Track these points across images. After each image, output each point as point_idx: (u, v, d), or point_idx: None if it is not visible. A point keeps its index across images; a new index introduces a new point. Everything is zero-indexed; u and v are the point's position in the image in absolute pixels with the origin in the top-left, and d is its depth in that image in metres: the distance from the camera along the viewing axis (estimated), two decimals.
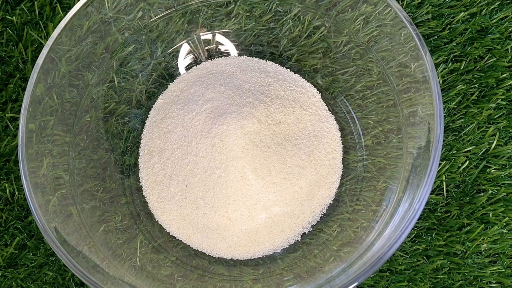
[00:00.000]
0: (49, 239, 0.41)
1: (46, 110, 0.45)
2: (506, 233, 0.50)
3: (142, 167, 0.51)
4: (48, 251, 0.51)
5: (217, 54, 0.56)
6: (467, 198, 0.51)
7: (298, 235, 0.49)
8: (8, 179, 0.53)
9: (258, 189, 0.47)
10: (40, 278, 0.50)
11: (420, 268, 0.49)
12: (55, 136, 0.46)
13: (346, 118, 0.52)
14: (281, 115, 0.49)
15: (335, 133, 0.51)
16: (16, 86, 0.55)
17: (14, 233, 0.51)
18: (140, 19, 0.51)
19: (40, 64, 0.45)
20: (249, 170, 0.47)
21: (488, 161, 0.52)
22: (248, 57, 0.55)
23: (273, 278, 0.47)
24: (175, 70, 0.55)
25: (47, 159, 0.44)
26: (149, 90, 0.54)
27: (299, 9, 0.52)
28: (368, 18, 0.48)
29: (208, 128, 0.48)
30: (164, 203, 0.50)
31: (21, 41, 0.56)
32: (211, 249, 0.49)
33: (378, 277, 0.49)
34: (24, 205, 0.52)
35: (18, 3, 0.58)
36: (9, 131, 0.54)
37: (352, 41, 0.51)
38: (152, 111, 0.53)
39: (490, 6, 0.57)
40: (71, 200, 0.45)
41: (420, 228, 0.51)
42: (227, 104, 0.49)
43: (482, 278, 0.49)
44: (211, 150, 0.47)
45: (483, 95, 0.55)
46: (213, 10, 0.53)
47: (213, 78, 0.52)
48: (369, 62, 0.50)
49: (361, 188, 0.49)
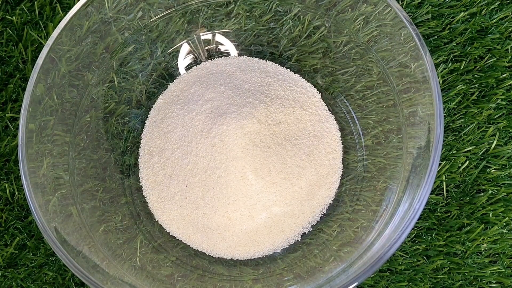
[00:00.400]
0: (49, 239, 0.41)
1: (46, 110, 0.45)
2: (506, 233, 0.50)
3: (142, 167, 0.51)
4: (48, 251, 0.51)
5: (217, 54, 0.56)
6: (467, 198, 0.51)
7: (298, 235, 0.49)
8: (8, 179, 0.53)
9: (258, 189, 0.47)
10: (40, 278, 0.50)
11: (420, 268, 0.49)
12: (55, 136, 0.46)
13: (346, 118, 0.52)
14: (281, 115, 0.49)
15: (335, 133, 0.51)
16: (16, 86, 0.55)
17: (14, 233, 0.51)
18: (140, 19, 0.51)
19: (40, 64, 0.45)
20: (249, 170, 0.47)
21: (488, 161, 0.52)
22: (248, 57, 0.55)
23: (273, 278, 0.47)
24: (175, 70, 0.55)
25: (47, 159, 0.44)
26: (149, 90, 0.54)
27: (299, 9, 0.52)
28: (368, 18, 0.48)
29: (208, 128, 0.48)
30: (164, 203, 0.50)
31: (21, 41, 0.56)
32: (211, 249, 0.49)
33: (378, 277, 0.49)
34: (24, 205, 0.52)
35: (18, 3, 0.58)
36: (9, 131, 0.54)
37: (352, 41, 0.51)
38: (152, 111, 0.53)
39: (490, 6, 0.57)
40: (71, 200, 0.45)
41: (420, 228, 0.51)
42: (227, 104, 0.49)
43: (482, 278, 0.49)
44: (211, 150, 0.47)
45: (483, 95, 0.55)
46: (213, 10, 0.53)
47: (213, 78, 0.52)
48: (369, 62, 0.50)
49: (361, 188, 0.49)
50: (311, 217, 0.49)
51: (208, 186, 0.47)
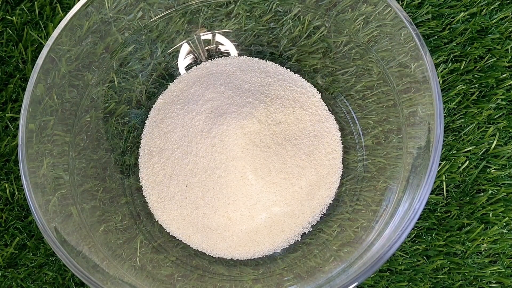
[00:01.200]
0: (49, 239, 0.41)
1: (46, 110, 0.45)
2: (506, 233, 0.50)
3: (142, 167, 0.51)
4: (48, 251, 0.51)
5: (217, 54, 0.56)
6: (467, 198, 0.51)
7: (298, 235, 0.49)
8: (8, 179, 0.53)
9: (258, 189, 0.47)
10: (40, 278, 0.50)
11: (420, 268, 0.49)
12: (55, 136, 0.46)
13: (346, 118, 0.52)
14: (281, 115, 0.49)
15: (335, 133, 0.51)
16: (16, 86, 0.55)
17: (14, 233, 0.51)
18: (140, 19, 0.51)
19: (40, 64, 0.45)
20: (249, 170, 0.47)
21: (488, 161, 0.52)
22: (248, 57, 0.55)
23: (273, 278, 0.47)
24: (175, 70, 0.55)
25: (47, 159, 0.44)
26: (149, 90, 0.54)
27: (299, 9, 0.52)
28: (368, 18, 0.48)
29: (208, 128, 0.48)
30: (164, 203, 0.49)
31: (21, 41, 0.56)
32: (211, 249, 0.49)
33: (378, 277, 0.49)
34: (24, 205, 0.52)
35: (18, 3, 0.58)
36: (9, 131, 0.54)
37: (352, 41, 0.51)
38: (152, 111, 0.53)
39: (490, 6, 0.57)
40: (71, 200, 0.45)
41: (420, 228, 0.51)
42: (227, 104, 0.49)
43: (482, 278, 0.49)
44: (211, 150, 0.47)
45: (483, 95, 0.55)
46: (213, 10, 0.53)
47: (213, 78, 0.52)
48: (369, 62, 0.50)
49: (361, 188, 0.49)
50: (311, 217, 0.49)
51: (208, 186, 0.47)
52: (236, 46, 0.55)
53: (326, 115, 0.52)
